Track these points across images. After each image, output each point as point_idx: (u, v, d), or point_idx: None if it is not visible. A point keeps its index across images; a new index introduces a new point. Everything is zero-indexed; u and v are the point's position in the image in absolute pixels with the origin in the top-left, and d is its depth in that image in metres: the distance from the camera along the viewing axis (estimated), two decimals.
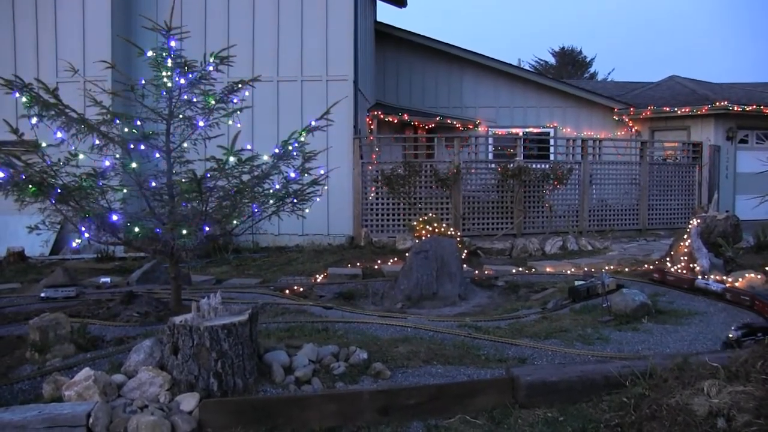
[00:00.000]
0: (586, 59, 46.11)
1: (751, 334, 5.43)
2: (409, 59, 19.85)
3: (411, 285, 8.54)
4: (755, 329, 5.50)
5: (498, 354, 5.52)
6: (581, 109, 19.80)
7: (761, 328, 5.52)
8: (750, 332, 5.45)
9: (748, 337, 5.40)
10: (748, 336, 5.41)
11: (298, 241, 13.72)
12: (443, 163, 14.39)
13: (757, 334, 5.41)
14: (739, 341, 5.38)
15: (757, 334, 5.41)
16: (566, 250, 13.04)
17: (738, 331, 5.48)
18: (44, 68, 13.52)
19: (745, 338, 5.40)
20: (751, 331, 5.48)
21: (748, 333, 5.44)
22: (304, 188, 6.92)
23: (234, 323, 4.42)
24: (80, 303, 7.56)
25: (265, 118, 13.53)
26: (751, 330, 5.49)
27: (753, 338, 5.37)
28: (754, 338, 5.36)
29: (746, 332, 5.45)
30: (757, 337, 5.37)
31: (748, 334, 5.42)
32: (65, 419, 3.89)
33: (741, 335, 5.43)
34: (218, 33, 13.77)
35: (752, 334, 5.42)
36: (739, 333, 5.46)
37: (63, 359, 5.23)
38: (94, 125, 6.58)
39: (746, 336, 5.41)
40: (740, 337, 5.41)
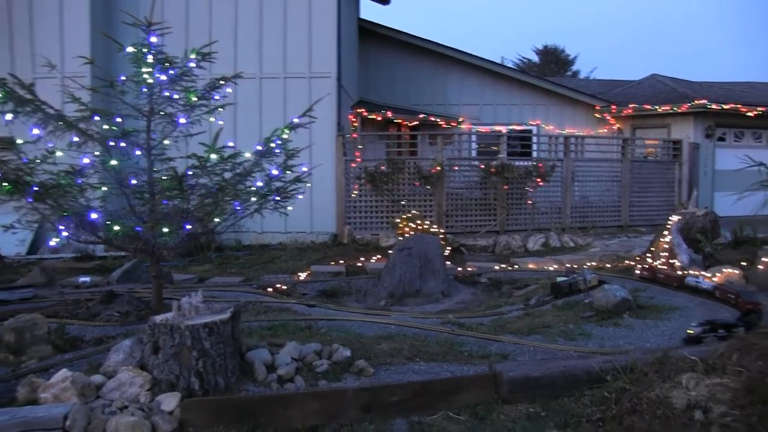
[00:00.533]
0: (569, 58, 46.34)
1: (713, 330, 5.47)
2: (393, 56, 19.81)
3: (394, 282, 8.53)
4: (717, 326, 5.51)
5: (481, 350, 5.52)
6: (564, 107, 19.87)
7: (723, 325, 5.53)
8: (711, 329, 5.48)
9: (709, 333, 5.44)
10: (710, 332, 5.45)
11: (281, 238, 13.65)
12: (427, 160, 14.39)
13: (719, 330, 5.45)
14: (699, 337, 5.43)
15: (718, 330, 5.45)
16: (549, 246, 13.09)
17: (699, 327, 5.52)
18: (20, 64, 13.35)
19: (706, 334, 5.44)
20: (712, 327, 5.50)
21: (709, 329, 5.47)
22: (286, 186, 6.87)
23: (215, 322, 4.37)
24: (59, 303, 7.46)
25: (247, 115, 13.45)
26: (712, 326, 5.51)
27: (714, 334, 5.42)
28: (715, 334, 5.41)
29: (707, 328, 5.48)
30: (717, 333, 5.42)
31: (710, 330, 5.46)
32: (41, 422, 3.80)
33: (702, 331, 5.47)
34: (200, 29, 13.67)
35: (713, 331, 5.46)
36: (699, 329, 5.50)
37: (39, 361, 5.13)
38: (72, 122, 6.49)
39: (707, 332, 5.45)
40: (701, 334, 5.46)
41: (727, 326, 5.51)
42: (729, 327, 5.50)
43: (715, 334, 5.43)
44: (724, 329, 5.45)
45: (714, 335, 5.41)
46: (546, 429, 4.01)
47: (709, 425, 3.40)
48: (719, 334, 5.40)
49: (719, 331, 5.44)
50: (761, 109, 18.05)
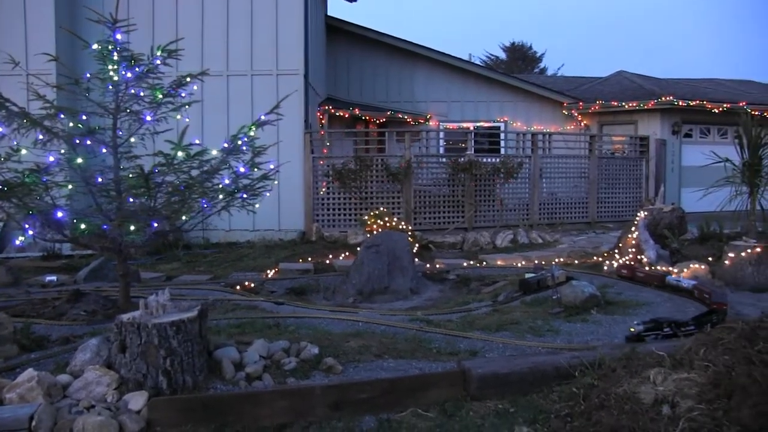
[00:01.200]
0: (536, 54, 46.81)
1: (657, 329, 5.47)
2: (361, 54, 19.81)
3: (363, 279, 8.54)
4: (662, 324, 5.52)
5: (449, 347, 5.55)
6: (531, 104, 20.04)
7: (672, 323, 5.54)
8: (655, 327, 5.48)
9: (652, 331, 5.44)
10: (653, 331, 5.45)
11: (250, 236, 13.59)
12: (394, 157, 14.42)
13: (664, 328, 5.45)
14: (640, 336, 5.42)
15: (663, 329, 5.45)
16: (517, 243, 13.19)
17: (641, 326, 5.53)
18: None
19: (648, 333, 5.44)
20: (657, 326, 5.51)
21: (652, 328, 5.47)
22: (254, 183, 6.85)
23: (183, 320, 4.35)
24: (25, 302, 7.35)
25: (215, 113, 13.35)
26: (657, 325, 5.52)
27: (656, 333, 5.42)
28: (659, 333, 5.42)
29: (650, 327, 5.48)
30: (663, 332, 5.42)
31: (653, 329, 5.46)
32: (6, 423, 3.77)
33: (644, 329, 5.47)
34: (166, 26, 13.55)
35: (658, 329, 5.46)
36: (642, 327, 5.50)
37: (5, 360, 5.06)
38: (37, 120, 6.41)
39: (650, 330, 5.45)
40: (642, 332, 5.45)
41: (676, 324, 5.52)
42: (678, 325, 5.51)
43: (658, 332, 5.42)
44: (670, 328, 5.45)
45: (657, 334, 5.41)
46: (515, 425, 4.04)
47: (677, 420, 3.45)
48: (665, 333, 5.41)
49: (665, 330, 5.43)
50: (726, 106, 18.35)
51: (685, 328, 5.45)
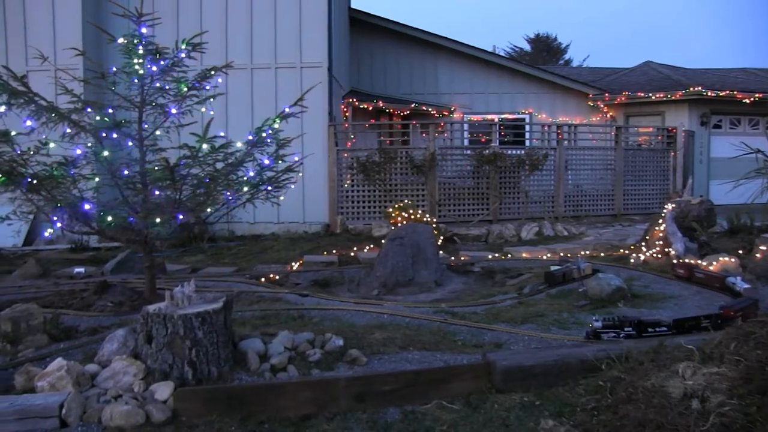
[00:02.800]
0: (561, 46, 46.39)
1: (618, 327, 5.24)
2: (384, 46, 19.78)
3: (387, 272, 8.53)
4: (625, 323, 5.26)
5: (474, 339, 5.54)
6: (556, 95, 19.88)
7: (640, 323, 5.28)
8: (615, 325, 5.25)
9: (612, 329, 5.23)
10: (612, 329, 5.23)
11: (274, 229, 13.64)
12: (418, 149, 14.38)
13: (626, 328, 5.22)
14: (597, 333, 5.25)
15: (625, 328, 5.22)
16: (542, 235, 13.09)
17: (599, 322, 5.28)
18: (13, 56, 13.28)
19: (605, 330, 5.23)
20: (619, 324, 5.26)
21: (611, 325, 5.24)
22: (278, 175, 6.87)
23: (208, 311, 4.38)
24: (54, 293, 7.45)
25: (239, 106, 13.42)
26: (620, 324, 5.27)
27: (616, 332, 5.21)
28: (618, 332, 5.21)
29: (609, 324, 5.24)
30: (623, 330, 5.20)
31: (613, 327, 5.24)
32: (37, 410, 3.85)
33: (601, 326, 5.25)
34: (190, 20, 13.62)
35: (618, 328, 5.24)
36: (599, 324, 5.27)
37: (35, 350, 5.16)
38: (65, 113, 6.49)
39: (608, 328, 5.24)
40: (599, 329, 5.26)
41: (646, 324, 5.28)
42: (650, 325, 5.27)
43: (618, 331, 5.22)
44: (632, 328, 5.23)
45: (616, 333, 5.21)
46: (540, 418, 4.01)
47: (707, 415, 3.39)
48: (626, 332, 5.20)
49: (626, 329, 5.21)
50: (758, 96, 18.03)
51: (657, 329, 5.22)
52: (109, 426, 3.86)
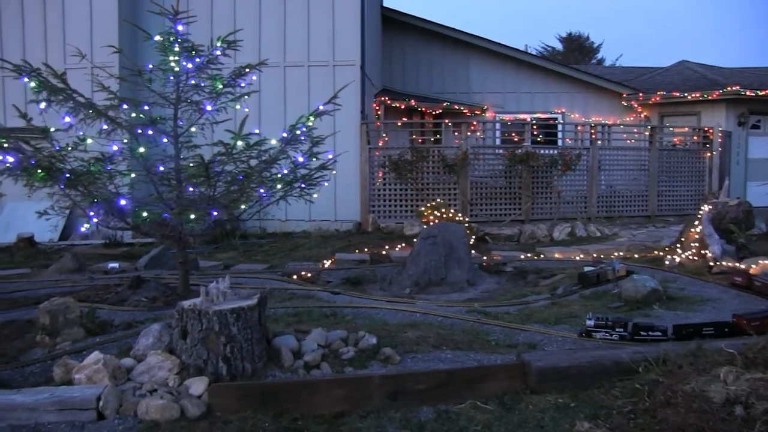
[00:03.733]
0: (594, 45, 45.92)
1: (609, 328, 5.32)
2: (416, 45, 19.74)
3: (419, 270, 8.51)
4: (615, 324, 5.34)
5: (508, 339, 5.49)
6: (589, 95, 19.68)
7: (625, 324, 5.34)
8: (607, 325, 5.33)
9: (602, 329, 5.32)
10: (602, 328, 5.33)
11: (305, 226, 13.70)
12: (451, 148, 14.34)
13: (617, 329, 5.30)
14: (589, 331, 5.35)
15: (615, 328, 5.30)
16: (575, 236, 12.98)
17: (591, 321, 5.40)
18: (52, 54, 13.49)
19: (597, 329, 5.33)
20: (610, 325, 5.34)
21: (603, 325, 5.34)
22: (311, 173, 6.89)
23: (243, 307, 4.39)
24: (89, 288, 7.55)
25: (272, 104, 13.49)
26: (612, 324, 5.35)
27: (606, 332, 5.30)
28: (608, 332, 5.30)
29: (600, 324, 5.35)
30: (615, 331, 5.28)
31: (603, 327, 5.33)
32: (75, 402, 3.90)
33: (593, 325, 5.36)
34: (224, 18, 13.72)
35: (609, 329, 5.32)
36: (592, 323, 5.38)
37: (72, 343, 5.24)
38: (102, 110, 6.56)
39: (600, 328, 5.34)
40: (591, 328, 5.36)
41: (639, 328, 5.32)
42: (639, 329, 5.31)
43: (608, 332, 5.30)
44: (624, 329, 5.30)
45: (607, 332, 5.30)
46: (575, 420, 3.96)
47: (752, 422, 3.30)
48: (618, 333, 5.28)
49: (617, 330, 5.30)
50: None
51: (651, 333, 5.25)
52: (144, 419, 3.89)
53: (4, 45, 14.16)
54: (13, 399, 3.92)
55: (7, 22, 14.41)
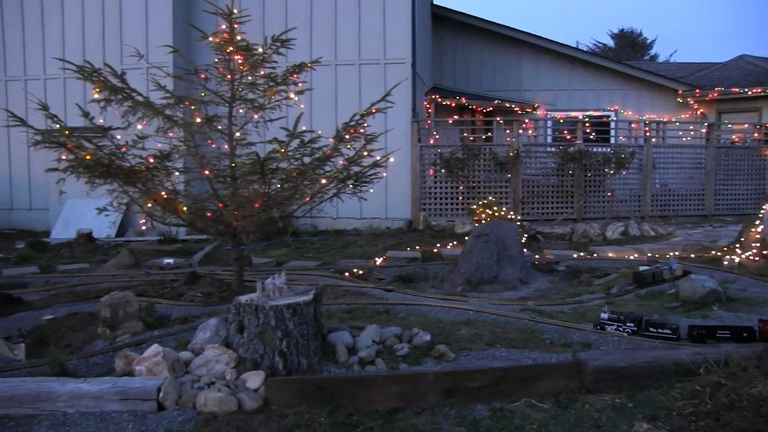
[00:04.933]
0: (647, 41, 44.96)
1: (620, 321, 5.49)
2: (466, 42, 19.64)
3: (471, 268, 8.46)
4: (626, 319, 5.49)
5: (562, 338, 5.42)
6: (643, 92, 19.32)
7: (635, 320, 5.48)
8: (618, 319, 5.51)
9: (614, 322, 5.50)
10: (615, 321, 5.50)
11: (356, 224, 13.77)
12: (502, 146, 14.24)
13: (628, 323, 5.44)
14: (602, 324, 5.53)
15: (626, 323, 5.45)
16: (628, 235, 12.75)
17: (605, 314, 5.60)
18: (110, 55, 13.80)
19: (610, 322, 5.51)
20: (621, 319, 5.51)
21: (615, 319, 5.52)
22: (365, 170, 6.91)
23: (299, 303, 4.44)
24: (145, 283, 7.72)
25: (323, 102, 13.57)
26: (625, 318, 5.52)
27: (618, 325, 5.46)
28: (619, 325, 5.45)
29: (613, 318, 5.53)
30: (625, 325, 5.43)
31: (615, 320, 5.51)
32: (137, 392, 4.02)
33: (607, 319, 5.55)
34: (276, 17, 13.85)
35: (621, 323, 5.48)
36: (606, 316, 5.58)
37: (132, 336, 5.38)
38: (159, 108, 6.69)
39: (612, 321, 5.52)
40: (603, 321, 5.55)
41: (648, 324, 5.41)
42: (649, 325, 5.39)
43: (619, 325, 5.47)
44: (634, 324, 5.43)
45: (618, 326, 5.46)
46: (633, 420, 3.89)
47: None
48: (628, 327, 5.42)
49: (628, 324, 5.44)
50: None
51: (660, 331, 5.32)
52: (203, 411, 3.97)
53: (66, 47, 14.55)
54: (81, 388, 4.06)
55: (69, 25, 14.83)
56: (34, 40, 15.27)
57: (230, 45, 6.60)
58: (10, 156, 15.61)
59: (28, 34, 15.35)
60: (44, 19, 15.19)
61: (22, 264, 10.34)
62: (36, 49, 15.25)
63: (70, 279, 8.65)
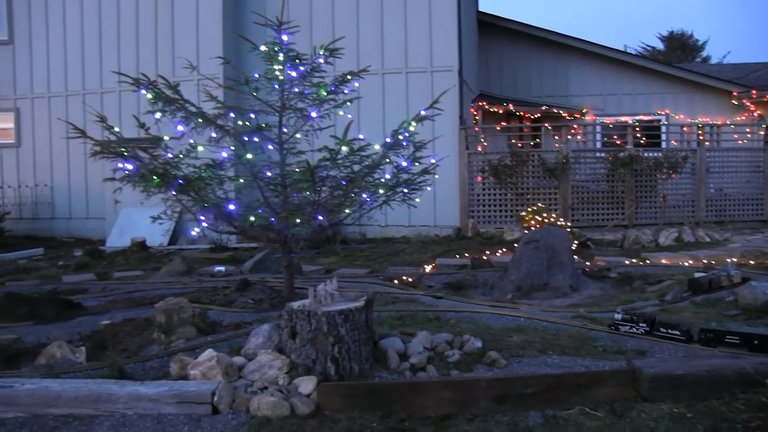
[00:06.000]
0: (698, 43, 43.98)
1: (631, 322, 5.58)
2: (513, 48, 19.55)
3: (521, 275, 8.41)
4: (638, 319, 5.57)
5: (615, 345, 5.33)
6: (695, 95, 18.92)
7: (647, 320, 5.55)
8: (631, 320, 5.59)
9: (627, 323, 5.57)
10: (628, 322, 5.58)
11: (405, 232, 13.78)
12: (551, 152, 14.11)
13: (639, 323, 5.52)
14: (616, 324, 5.61)
15: (639, 323, 5.53)
16: (682, 241, 12.50)
17: (619, 315, 5.68)
18: (162, 67, 14.11)
19: (623, 323, 5.58)
20: (635, 319, 5.59)
21: (629, 320, 5.60)
22: (414, 177, 6.92)
23: (351, 309, 4.46)
24: (198, 289, 7.85)
25: (370, 109, 13.63)
26: (637, 318, 5.60)
27: (631, 325, 5.55)
28: (632, 326, 5.54)
29: (626, 318, 5.61)
30: (638, 326, 5.52)
31: (628, 321, 5.59)
32: (192, 396, 4.10)
33: (620, 319, 5.62)
34: (323, 27, 13.97)
35: (635, 323, 5.56)
36: (619, 317, 5.65)
37: (186, 341, 5.47)
38: (211, 118, 6.80)
39: (625, 321, 5.59)
40: (618, 321, 5.62)
41: (658, 324, 5.47)
42: (659, 326, 5.44)
43: (632, 325, 5.55)
44: (647, 324, 5.51)
45: (630, 326, 5.55)
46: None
47: None
48: (640, 327, 5.51)
49: (641, 325, 5.52)
50: None
51: (670, 331, 5.36)
52: (256, 415, 4.02)
53: (121, 61, 14.93)
54: (139, 390, 4.17)
55: (124, 41, 15.25)
56: (93, 55, 15.72)
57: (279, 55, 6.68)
58: (69, 168, 16.08)
59: (87, 50, 15.82)
60: (101, 35, 15.62)
61: (80, 271, 10.64)
62: (93, 64, 15.70)
63: (126, 286, 8.86)
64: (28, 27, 16.44)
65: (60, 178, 16.22)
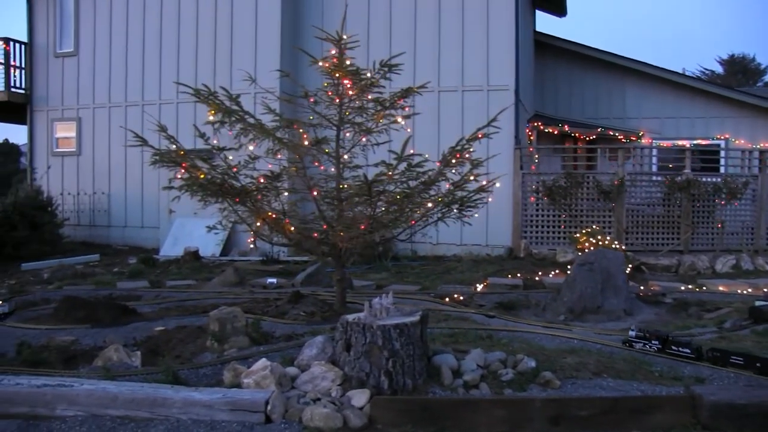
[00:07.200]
0: (760, 67, 42.97)
1: (646, 339, 5.66)
2: (569, 69, 19.37)
3: (574, 297, 8.28)
4: (651, 336, 5.67)
5: (672, 372, 5.21)
6: (757, 119, 18.42)
7: (660, 337, 5.64)
8: (645, 337, 5.68)
9: (641, 340, 5.66)
10: (641, 339, 5.66)
11: (456, 250, 13.71)
12: (606, 174, 13.90)
13: (652, 341, 5.62)
14: (630, 341, 5.69)
15: (651, 340, 5.62)
16: (740, 269, 12.18)
17: (633, 332, 5.77)
18: (220, 79, 14.36)
19: (637, 340, 5.67)
20: (646, 336, 5.69)
21: (642, 337, 5.68)
22: (470, 195, 6.91)
23: (406, 323, 4.47)
24: (250, 300, 7.93)
25: (425, 127, 13.61)
26: (650, 335, 5.70)
27: (644, 342, 5.62)
28: (645, 343, 5.62)
29: (640, 336, 5.70)
30: (650, 343, 5.61)
31: (642, 338, 5.67)
32: (245, 404, 4.14)
33: (634, 336, 5.72)
34: (380, 43, 14.02)
35: (647, 340, 5.65)
36: (633, 334, 5.75)
37: (239, 350, 5.53)
38: (270, 130, 6.91)
39: (639, 339, 5.68)
40: (632, 338, 5.72)
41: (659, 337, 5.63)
42: (671, 344, 5.54)
43: (646, 342, 5.63)
44: (659, 341, 5.59)
45: (644, 343, 5.63)
46: None
47: None
48: (653, 344, 5.60)
49: (653, 342, 5.61)
50: None
51: (680, 349, 5.47)
52: (308, 426, 4.04)
53: (179, 73, 15.26)
54: (193, 396, 4.23)
55: (183, 54, 15.60)
56: (152, 67, 16.11)
57: (339, 70, 6.74)
58: (126, 177, 16.46)
59: (147, 62, 16.22)
60: (162, 48, 16.01)
61: (134, 278, 10.87)
62: (153, 76, 16.08)
63: (179, 294, 9.02)
64: (93, 40, 16.94)
65: (117, 187, 16.61)
